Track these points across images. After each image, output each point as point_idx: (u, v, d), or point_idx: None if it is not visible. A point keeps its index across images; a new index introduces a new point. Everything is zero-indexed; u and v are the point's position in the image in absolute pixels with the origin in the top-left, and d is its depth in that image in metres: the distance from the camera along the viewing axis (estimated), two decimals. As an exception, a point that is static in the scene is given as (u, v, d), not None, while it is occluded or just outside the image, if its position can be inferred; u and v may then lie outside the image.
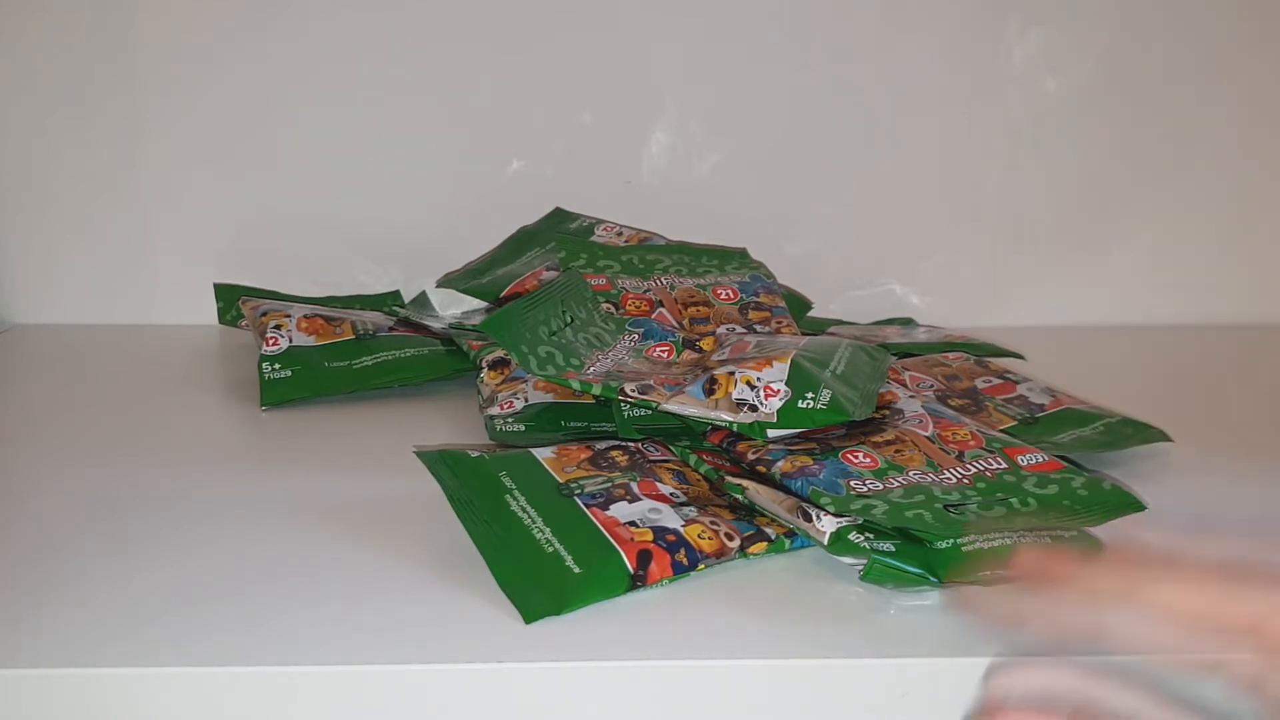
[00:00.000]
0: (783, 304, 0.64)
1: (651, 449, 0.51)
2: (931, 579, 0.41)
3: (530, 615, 0.39)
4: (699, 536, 0.43)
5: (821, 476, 0.45)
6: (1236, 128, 0.82)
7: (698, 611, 0.41)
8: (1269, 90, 0.82)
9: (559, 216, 0.77)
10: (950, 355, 0.66)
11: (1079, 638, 0.29)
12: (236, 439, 0.58)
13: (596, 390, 0.51)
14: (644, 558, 0.41)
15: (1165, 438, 0.57)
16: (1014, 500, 0.44)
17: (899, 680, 0.38)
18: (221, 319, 0.74)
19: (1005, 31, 0.79)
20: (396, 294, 0.79)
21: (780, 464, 0.47)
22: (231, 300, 0.74)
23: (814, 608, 0.41)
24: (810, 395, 0.48)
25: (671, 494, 0.46)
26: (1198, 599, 0.27)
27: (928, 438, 0.49)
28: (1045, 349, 0.73)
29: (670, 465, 0.49)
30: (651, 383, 0.51)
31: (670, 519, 0.44)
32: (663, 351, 0.58)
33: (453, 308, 0.72)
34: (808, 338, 0.57)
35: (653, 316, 0.61)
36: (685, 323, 0.61)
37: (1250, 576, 0.27)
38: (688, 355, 0.57)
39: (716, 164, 0.80)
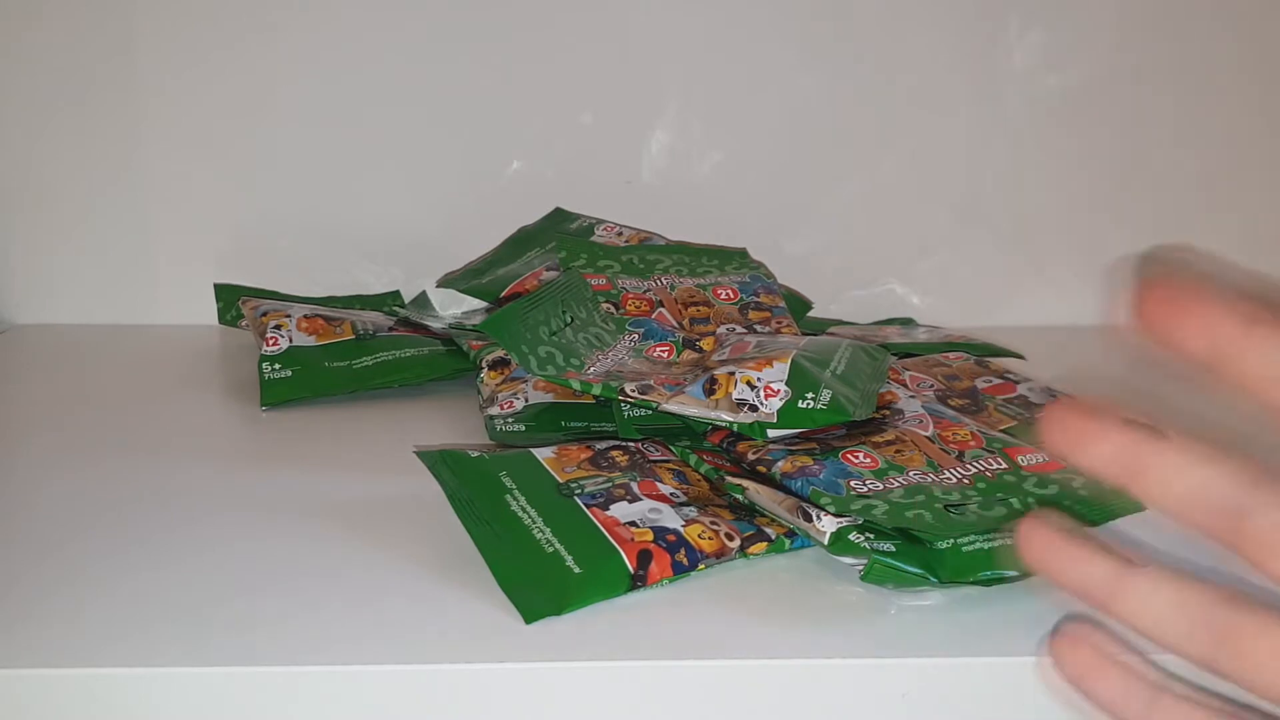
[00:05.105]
0: (783, 304, 0.64)
1: (651, 449, 0.51)
2: (932, 579, 0.41)
3: (530, 615, 0.39)
4: (699, 536, 0.43)
5: (822, 476, 0.45)
6: (1236, 128, 0.82)
7: (698, 611, 0.41)
8: (1269, 90, 0.82)
9: (559, 216, 0.77)
10: (950, 355, 0.65)
11: None
12: (236, 439, 0.58)
13: (596, 390, 0.51)
14: (644, 558, 0.41)
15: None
16: (1014, 500, 0.44)
17: (899, 680, 0.38)
18: (221, 319, 0.74)
19: (1005, 31, 0.79)
20: (396, 294, 0.79)
21: (780, 464, 0.47)
22: (231, 300, 0.74)
23: (814, 608, 0.41)
24: (810, 395, 0.48)
25: (671, 494, 0.46)
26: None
27: (928, 438, 0.49)
28: (1045, 349, 0.73)
29: (670, 465, 0.49)
30: (652, 383, 0.51)
31: (670, 519, 0.44)
32: (663, 351, 0.58)
33: (453, 308, 0.72)
34: (808, 338, 0.57)
35: (653, 316, 0.61)
36: (685, 323, 0.61)
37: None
38: (688, 355, 0.57)
39: (717, 164, 0.80)
